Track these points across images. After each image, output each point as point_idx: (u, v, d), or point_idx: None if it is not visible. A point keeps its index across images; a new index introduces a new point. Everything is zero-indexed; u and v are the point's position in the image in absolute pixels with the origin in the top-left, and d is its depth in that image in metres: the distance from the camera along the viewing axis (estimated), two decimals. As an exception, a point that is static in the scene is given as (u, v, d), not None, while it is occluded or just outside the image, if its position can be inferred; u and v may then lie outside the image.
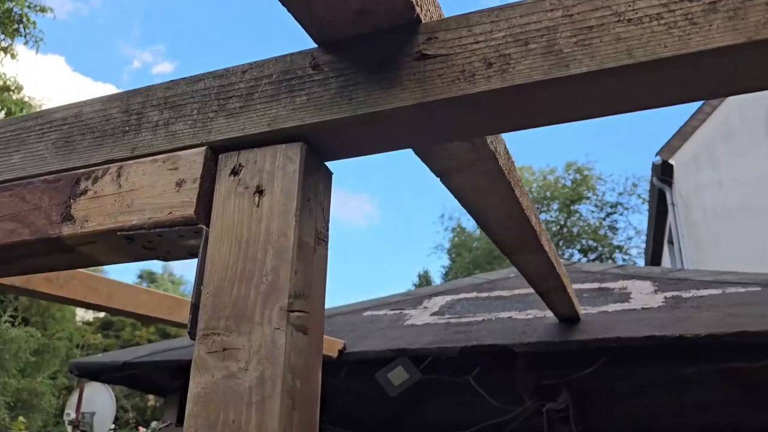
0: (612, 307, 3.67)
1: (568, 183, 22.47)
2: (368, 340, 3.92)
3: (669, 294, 3.79)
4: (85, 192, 0.85)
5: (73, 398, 7.62)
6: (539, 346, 3.18)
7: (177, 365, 4.13)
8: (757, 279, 4.05)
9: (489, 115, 0.73)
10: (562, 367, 3.43)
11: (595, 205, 22.36)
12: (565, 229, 22.63)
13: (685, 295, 3.75)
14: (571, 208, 22.20)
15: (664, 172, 10.42)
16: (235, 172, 0.80)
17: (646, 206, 21.22)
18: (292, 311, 0.70)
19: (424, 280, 24.62)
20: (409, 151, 0.95)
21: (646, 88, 0.67)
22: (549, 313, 3.60)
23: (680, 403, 3.66)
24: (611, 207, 22.23)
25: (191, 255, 0.87)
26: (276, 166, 0.78)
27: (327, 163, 0.83)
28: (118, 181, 0.84)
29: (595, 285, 4.23)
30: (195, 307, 0.75)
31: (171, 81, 0.89)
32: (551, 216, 23.34)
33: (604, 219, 22.32)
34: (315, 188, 0.79)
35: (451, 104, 0.72)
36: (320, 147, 0.80)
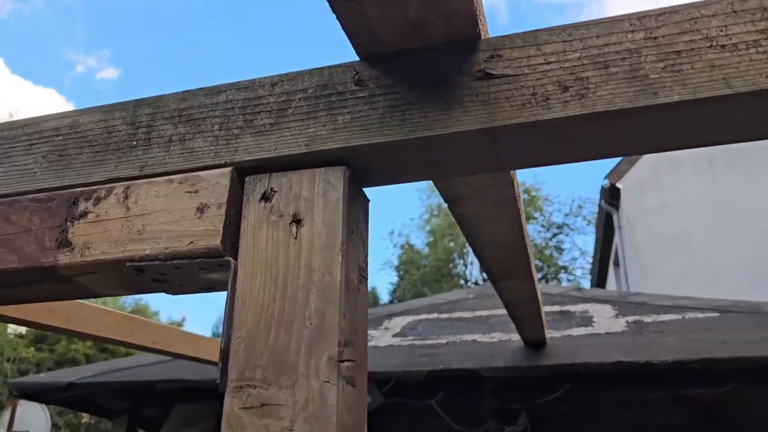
0: (576, 331, 3.67)
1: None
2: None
3: (630, 318, 3.82)
4: (85, 214, 0.74)
5: (5, 416, 7.18)
6: (507, 371, 3.14)
7: (126, 387, 3.93)
8: (713, 305, 4.13)
9: (560, 144, 0.66)
10: (527, 391, 3.39)
11: (542, 226, 22.78)
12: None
13: (646, 319, 3.79)
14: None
15: (611, 196, 10.68)
16: (266, 198, 0.70)
17: (591, 228, 21.77)
18: (342, 361, 0.61)
19: (372, 296, 24.54)
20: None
21: (744, 120, 0.61)
22: (514, 336, 3.57)
23: (643, 428, 3.67)
24: (557, 228, 22.68)
25: (207, 289, 0.77)
26: (315, 192, 0.69)
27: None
28: (125, 203, 0.73)
29: (557, 308, 4.23)
30: (225, 355, 0.64)
31: (185, 91, 0.79)
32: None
33: (550, 239, 22.75)
34: (357, 218, 0.70)
35: (521, 130, 0.65)
36: (362, 172, 0.71)
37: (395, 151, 0.68)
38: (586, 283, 19.12)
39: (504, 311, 4.22)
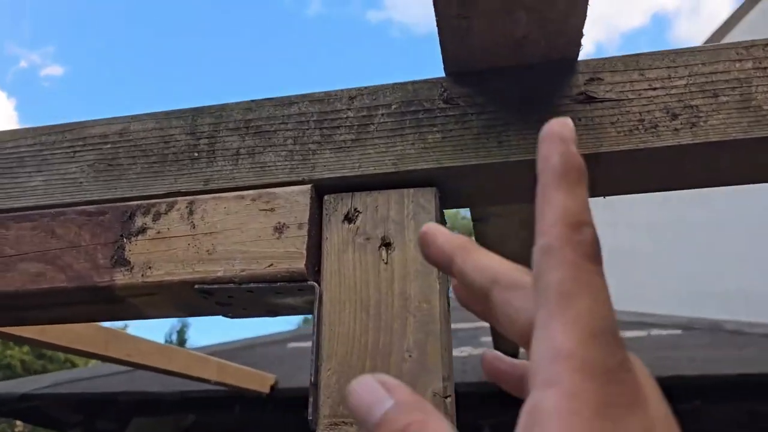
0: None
1: (469, 214, 23.06)
2: (301, 375, 3.73)
3: (599, 334, 3.86)
4: (143, 230, 0.68)
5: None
6: (482, 387, 3.14)
7: (83, 398, 3.76)
8: (675, 322, 4.25)
9: (664, 172, 0.64)
10: (494, 406, 3.39)
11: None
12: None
13: (615, 335, 3.83)
14: (471, 238, 22.75)
15: (565, 211, 10.87)
16: (349, 219, 0.66)
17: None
18: (446, 396, 0.57)
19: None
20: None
21: None
22: (484, 350, 3.56)
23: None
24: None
25: (271, 313, 0.72)
26: (405, 215, 0.65)
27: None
28: (190, 219, 0.68)
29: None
30: (315, 388, 0.60)
31: (251, 101, 0.74)
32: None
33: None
34: (442, 242, 0.67)
35: (627, 157, 0.62)
36: (451, 194, 0.68)
37: (491, 174, 0.65)
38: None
39: (470, 325, 4.21)
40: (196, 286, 0.65)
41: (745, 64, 0.63)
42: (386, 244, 0.64)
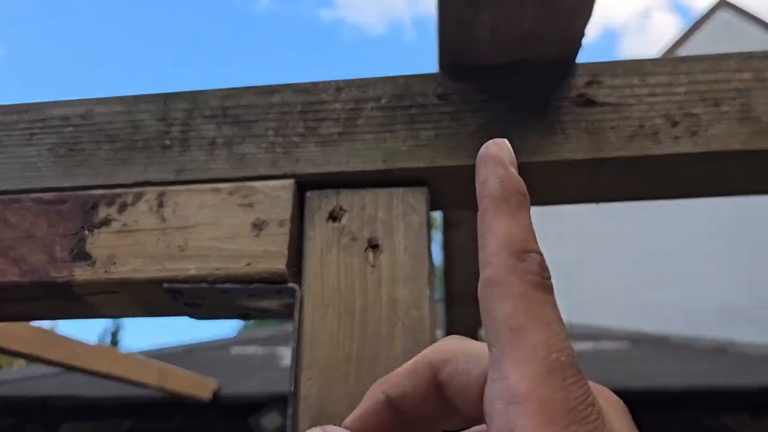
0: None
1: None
2: (244, 381, 3.65)
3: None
4: (107, 222, 0.62)
5: None
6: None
7: (12, 402, 3.58)
8: (623, 335, 4.33)
9: (662, 181, 0.63)
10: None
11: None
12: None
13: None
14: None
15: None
16: (333, 218, 0.62)
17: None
18: (436, 410, 0.53)
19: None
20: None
21: None
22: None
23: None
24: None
25: (241, 316, 0.67)
26: (394, 215, 0.61)
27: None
28: (160, 212, 0.62)
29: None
30: (294, 397, 0.55)
31: (229, 88, 0.69)
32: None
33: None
34: (430, 245, 0.63)
35: (627, 164, 0.60)
36: (442, 194, 0.64)
37: (486, 176, 0.62)
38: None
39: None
40: (166, 285, 0.59)
41: (744, 75, 0.62)
42: (373, 246, 0.60)
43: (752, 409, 3.08)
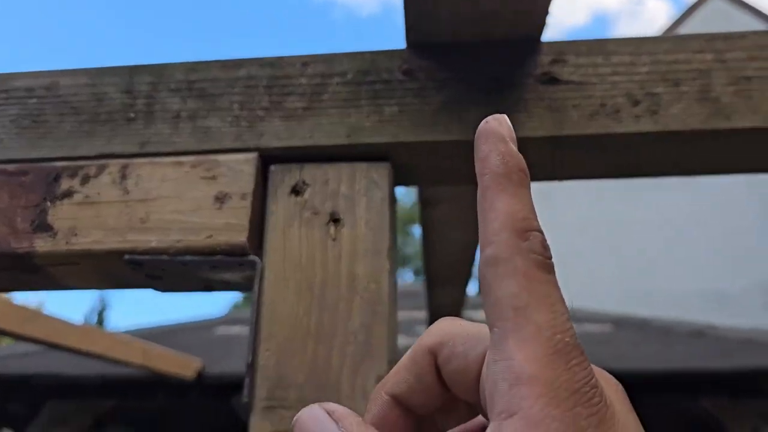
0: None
1: (407, 204, 23.07)
2: (228, 361, 3.65)
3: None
4: (69, 194, 0.62)
5: None
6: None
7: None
8: (606, 318, 4.37)
9: (622, 159, 0.63)
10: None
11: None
12: (400, 251, 23.25)
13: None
14: (407, 230, 22.87)
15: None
16: (296, 192, 0.62)
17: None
18: (391, 382, 0.54)
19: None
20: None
21: (815, 154, 0.61)
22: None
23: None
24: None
25: (205, 289, 0.67)
26: (356, 189, 0.61)
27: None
28: (122, 184, 0.62)
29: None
30: (251, 368, 0.56)
31: (195, 62, 0.69)
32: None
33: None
34: (394, 220, 0.64)
35: (588, 142, 0.61)
36: (404, 170, 0.65)
37: (449, 152, 0.62)
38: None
39: (406, 314, 4.23)
40: (126, 257, 0.59)
41: (705, 56, 0.62)
42: (335, 220, 0.60)
43: (731, 393, 3.13)
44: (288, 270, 0.58)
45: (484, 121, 0.28)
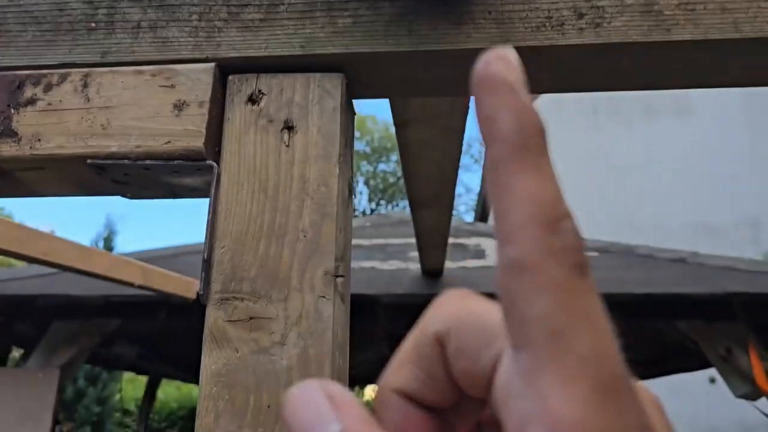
0: (471, 263, 3.84)
1: (384, 119, 22.82)
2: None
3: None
4: (33, 101, 0.65)
5: None
6: (405, 298, 3.24)
7: (4, 300, 3.65)
8: (593, 245, 4.45)
9: (568, 72, 0.65)
10: (420, 317, 3.51)
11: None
12: (401, 181, 23.37)
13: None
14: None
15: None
16: (253, 101, 0.64)
17: (476, 165, 22.52)
18: (337, 276, 0.59)
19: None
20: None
21: (751, 66, 0.63)
22: (412, 265, 3.67)
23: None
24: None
25: (172, 195, 0.71)
26: (310, 99, 0.64)
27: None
28: (84, 92, 0.65)
29: (452, 240, 4.38)
30: (207, 264, 0.60)
31: (155, -28, 0.70)
32: (390, 167, 23.98)
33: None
34: (348, 130, 0.67)
35: (534, 54, 0.63)
36: (358, 81, 0.67)
37: (400, 63, 0.65)
38: (469, 218, 19.89)
39: (400, 240, 4.31)
40: (89, 161, 0.63)
41: (653, -32, 0.64)
42: (289, 128, 0.63)
43: (705, 316, 3.24)
44: (243, 174, 0.62)
45: (483, 60, 0.20)
